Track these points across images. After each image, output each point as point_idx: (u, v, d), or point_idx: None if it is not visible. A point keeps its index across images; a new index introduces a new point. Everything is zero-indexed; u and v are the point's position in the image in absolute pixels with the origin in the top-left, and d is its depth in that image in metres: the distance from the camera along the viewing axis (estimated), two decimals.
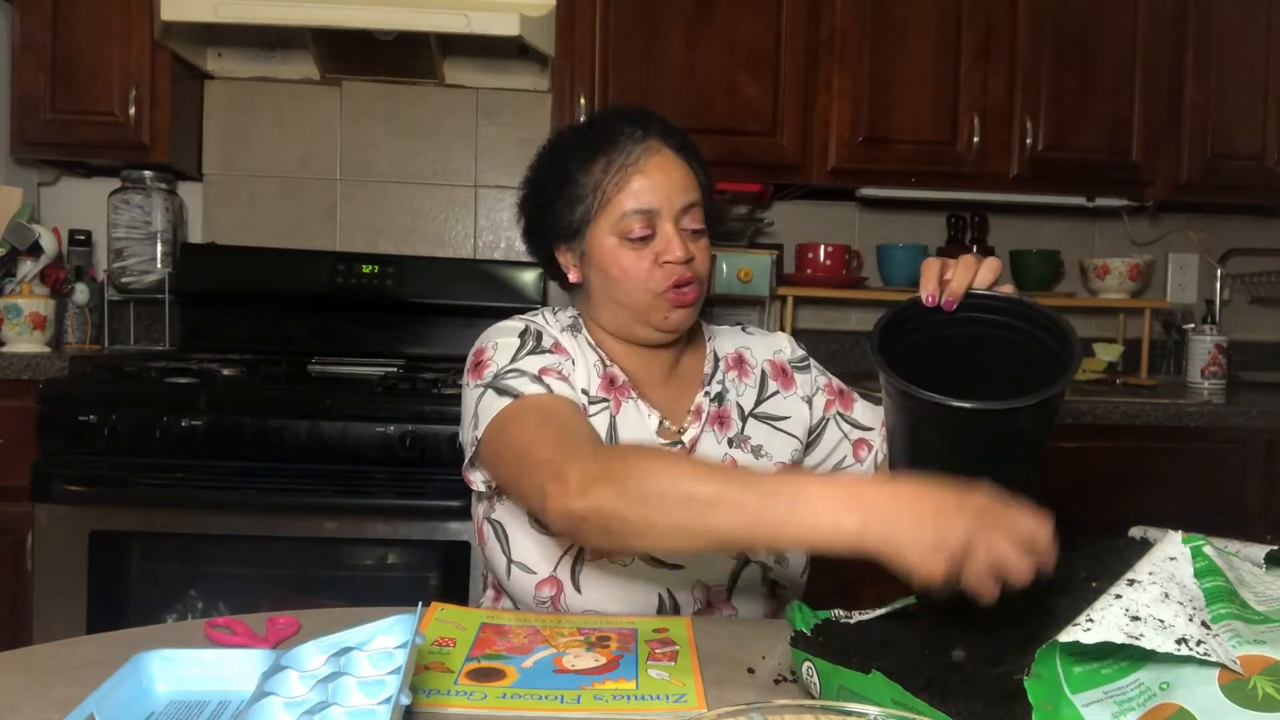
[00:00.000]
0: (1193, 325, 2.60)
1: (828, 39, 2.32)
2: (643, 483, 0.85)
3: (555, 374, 1.08)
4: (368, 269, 2.41)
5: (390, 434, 1.86)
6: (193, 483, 1.84)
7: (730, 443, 1.19)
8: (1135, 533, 0.76)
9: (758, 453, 1.20)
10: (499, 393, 1.05)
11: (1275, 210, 2.71)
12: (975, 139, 2.35)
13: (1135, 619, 0.56)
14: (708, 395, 1.19)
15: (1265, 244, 2.75)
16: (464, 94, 2.62)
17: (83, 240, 2.43)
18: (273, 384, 2.00)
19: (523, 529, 1.11)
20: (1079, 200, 2.51)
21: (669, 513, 0.83)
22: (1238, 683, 0.53)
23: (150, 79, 2.24)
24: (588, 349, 1.17)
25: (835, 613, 0.84)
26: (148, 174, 2.39)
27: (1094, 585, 0.69)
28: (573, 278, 1.19)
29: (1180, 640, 0.55)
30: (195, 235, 2.59)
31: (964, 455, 0.83)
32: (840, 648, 0.75)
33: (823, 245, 2.48)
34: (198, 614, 1.88)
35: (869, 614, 0.83)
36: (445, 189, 2.64)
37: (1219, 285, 2.67)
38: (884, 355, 0.82)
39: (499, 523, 1.13)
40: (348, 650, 0.68)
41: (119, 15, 2.22)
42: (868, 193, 2.48)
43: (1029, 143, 2.37)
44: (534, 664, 0.82)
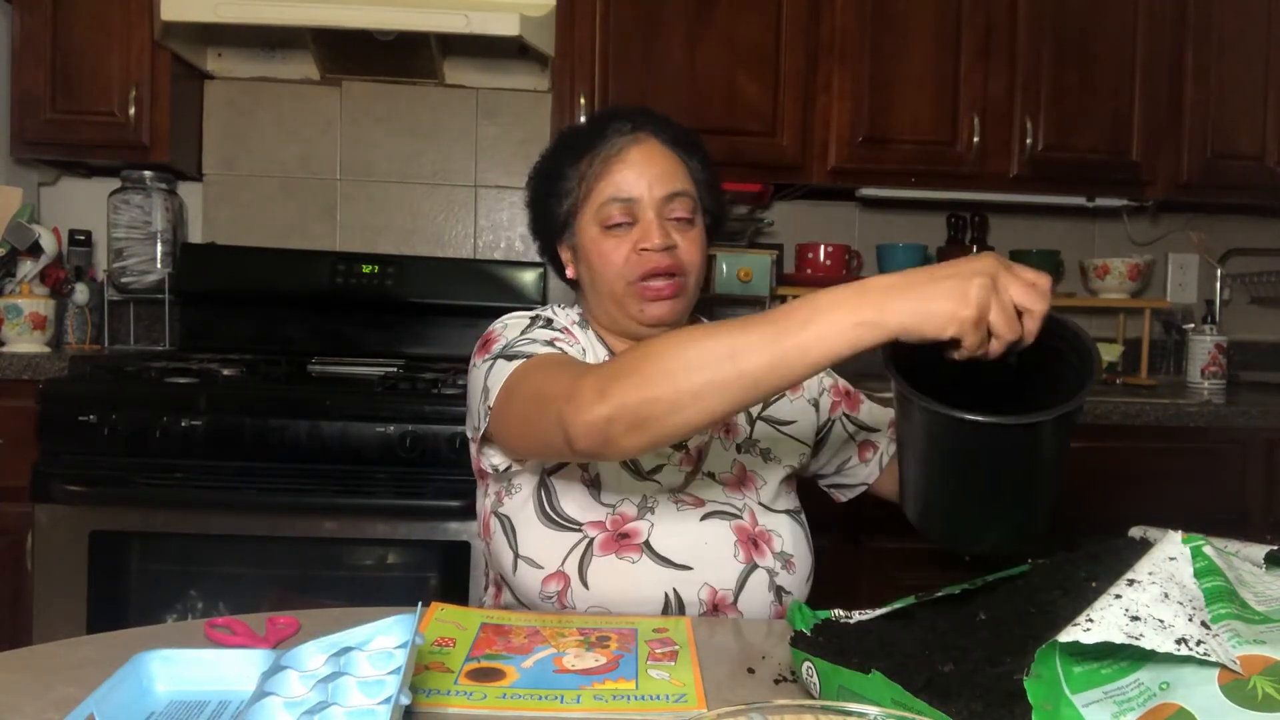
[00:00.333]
0: (1193, 325, 2.60)
1: (828, 39, 2.33)
2: (658, 364, 0.83)
3: (566, 347, 1.08)
4: (368, 269, 2.41)
5: (390, 434, 1.86)
6: (193, 483, 1.84)
7: (739, 448, 1.19)
8: (1135, 533, 0.76)
9: (766, 456, 1.20)
10: (509, 359, 1.04)
11: (1275, 210, 2.71)
12: (975, 139, 2.35)
13: (1135, 619, 0.56)
14: None
15: (1265, 244, 2.75)
16: (464, 94, 2.62)
17: (83, 240, 2.43)
18: (273, 384, 2.00)
19: (531, 523, 1.10)
20: (1079, 200, 2.51)
21: (696, 376, 0.81)
22: (1238, 683, 0.53)
23: (150, 79, 2.24)
24: (596, 343, 1.18)
25: (835, 613, 0.84)
26: (148, 174, 2.39)
27: (1094, 585, 0.69)
28: (569, 273, 1.20)
29: (1180, 640, 0.55)
30: (195, 235, 2.59)
31: (977, 467, 0.82)
32: (840, 648, 0.75)
33: (823, 245, 2.48)
34: (198, 614, 1.88)
35: (869, 614, 0.83)
36: (445, 189, 2.64)
37: (1219, 285, 2.67)
38: (895, 364, 0.80)
39: (507, 517, 1.12)
40: (348, 650, 0.68)
41: (119, 15, 2.22)
42: (868, 193, 2.48)
43: (1029, 143, 2.37)
44: (534, 664, 0.82)
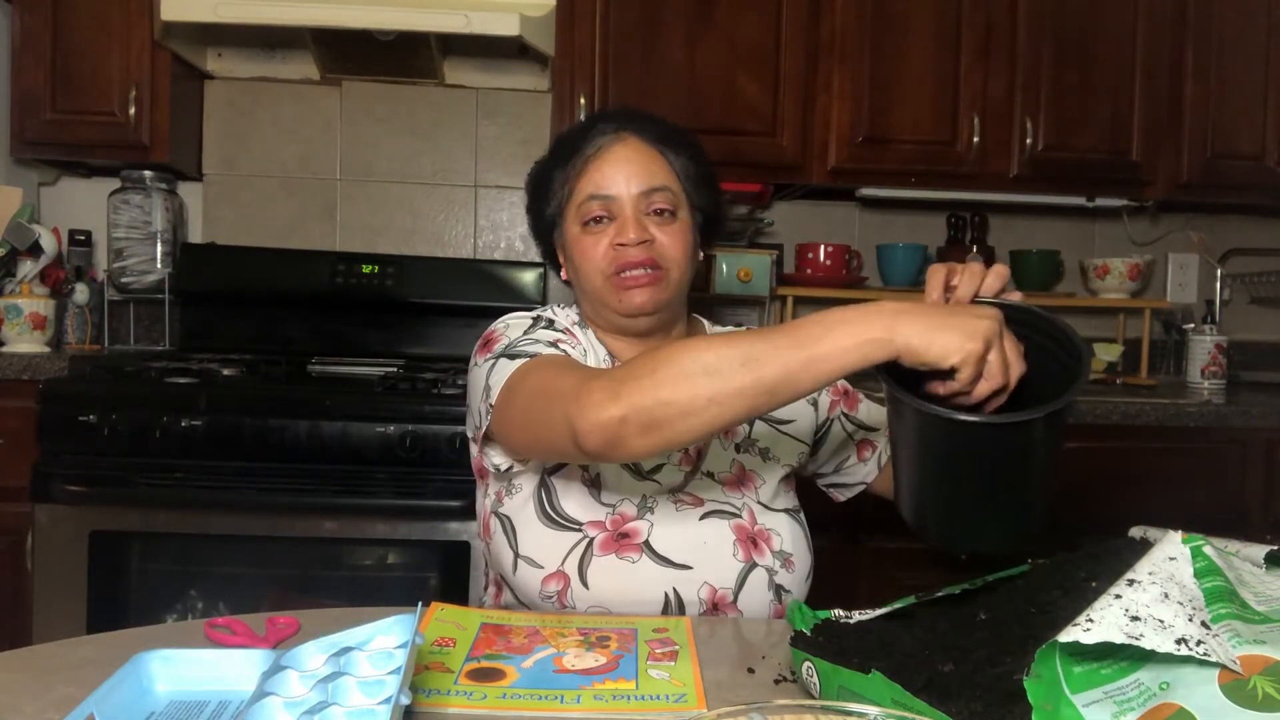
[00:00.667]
0: (1193, 325, 2.60)
1: (828, 39, 2.32)
2: (673, 367, 0.83)
3: (569, 349, 1.08)
4: (368, 269, 2.41)
5: (390, 434, 1.86)
6: (193, 483, 1.84)
7: (738, 448, 1.19)
8: (1135, 533, 0.76)
9: (765, 455, 1.20)
10: (512, 358, 1.04)
11: (1275, 210, 2.71)
12: (975, 139, 2.35)
13: (1135, 619, 0.56)
14: None
15: (1265, 244, 2.75)
16: (464, 94, 2.62)
17: (83, 240, 2.43)
18: (273, 384, 2.00)
19: (532, 522, 1.10)
20: (1079, 200, 2.51)
21: (710, 382, 0.82)
22: (1238, 683, 0.53)
23: (150, 79, 2.24)
24: (596, 343, 1.18)
25: (835, 613, 0.84)
26: (148, 174, 2.39)
27: (1094, 585, 0.69)
28: (563, 275, 1.21)
29: (1180, 640, 0.55)
30: (195, 235, 2.59)
31: (970, 468, 0.82)
32: (840, 648, 0.75)
33: (823, 245, 2.48)
34: (198, 614, 1.88)
35: (869, 614, 0.83)
36: (445, 189, 2.64)
37: (1219, 285, 2.67)
38: (886, 366, 0.81)
39: (507, 517, 1.12)
40: (348, 650, 0.68)
41: (119, 15, 2.22)
42: (868, 193, 2.48)
43: (1029, 143, 2.37)
44: (534, 664, 0.82)
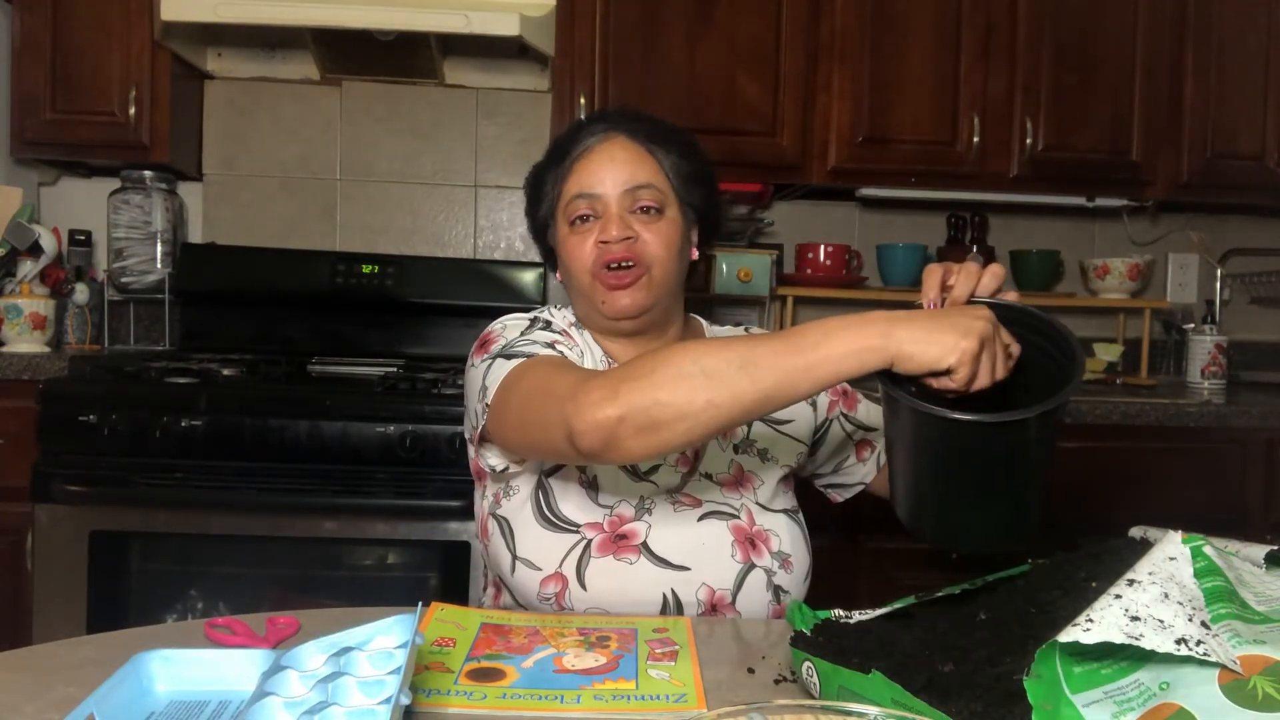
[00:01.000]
0: (1193, 325, 2.60)
1: (828, 39, 2.32)
2: (671, 370, 0.84)
3: (566, 350, 1.09)
4: (368, 269, 2.41)
5: (390, 434, 1.86)
6: (193, 483, 1.84)
7: (736, 449, 1.19)
8: (1135, 533, 0.76)
9: (763, 456, 1.20)
10: (508, 358, 1.04)
11: (1275, 210, 2.71)
12: (975, 139, 2.35)
13: (1135, 619, 0.56)
14: None
15: (1265, 244, 2.75)
16: (464, 94, 2.62)
17: (83, 240, 2.43)
18: (273, 384, 2.00)
19: (529, 524, 1.10)
20: (1079, 200, 2.51)
21: (708, 384, 0.82)
22: (1238, 683, 0.53)
23: (150, 79, 2.24)
24: (593, 344, 1.18)
25: (835, 613, 0.84)
26: (148, 174, 2.39)
27: (1094, 585, 0.69)
28: (558, 276, 1.21)
29: (1180, 640, 0.55)
30: (195, 235, 2.59)
31: (965, 468, 0.82)
32: (840, 648, 0.75)
33: (823, 245, 2.48)
34: (198, 614, 1.88)
35: (869, 614, 0.83)
36: (445, 189, 2.64)
37: (1219, 285, 2.67)
38: (882, 372, 0.81)
39: (505, 518, 1.12)
40: (348, 650, 0.68)
41: (119, 15, 2.22)
42: (868, 193, 2.48)
43: (1029, 143, 2.37)
44: (534, 664, 0.82)
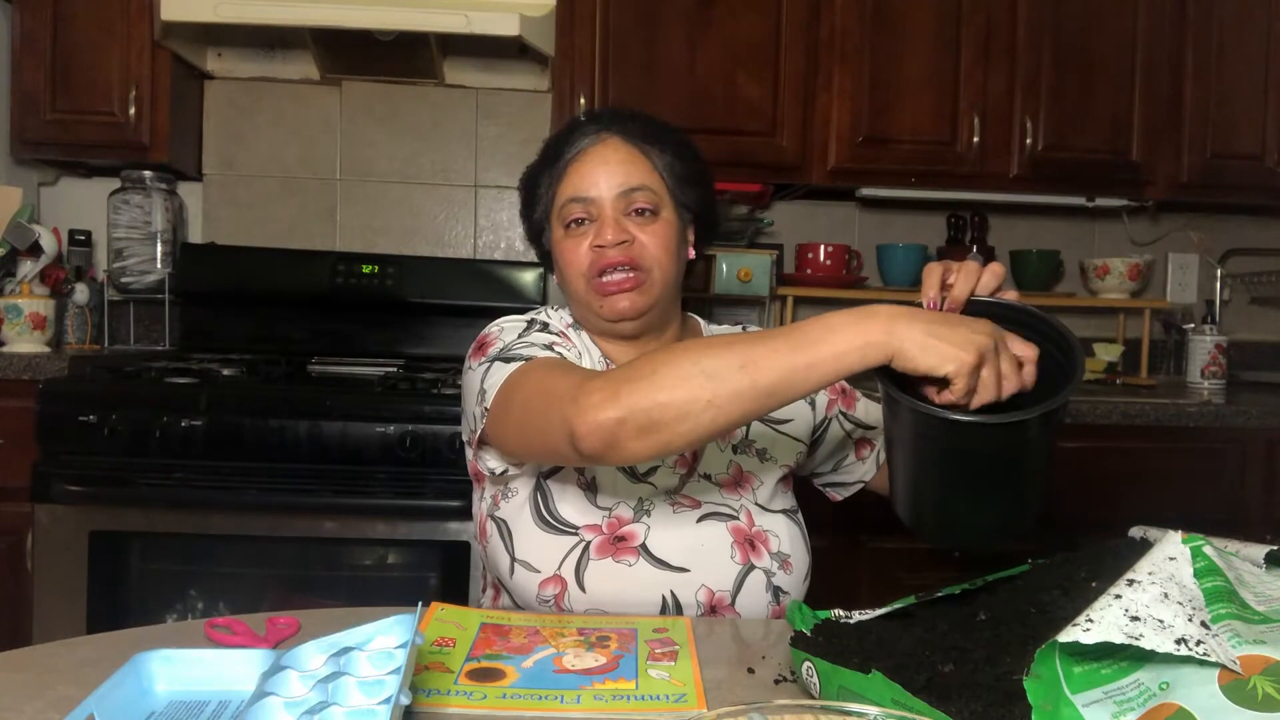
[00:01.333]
0: (1193, 325, 2.60)
1: (828, 39, 2.33)
2: (672, 370, 0.84)
3: (564, 351, 1.08)
4: (368, 269, 2.41)
5: (390, 434, 1.86)
6: (193, 483, 1.84)
7: (735, 449, 1.19)
8: (1135, 533, 0.76)
9: (762, 456, 1.20)
10: (506, 361, 1.04)
11: (1275, 210, 2.71)
12: (975, 139, 2.35)
13: (1135, 619, 0.56)
14: None
15: (1265, 244, 2.76)
16: (464, 94, 2.62)
17: (83, 240, 2.43)
18: (273, 384, 2.00)
19: (528, 526, 1.10)
20: (1079, 200, 2.51)
21: (709, 384, 0.82)
22: (1238, 683, 0.53)
23: (150, 79, 2.24)
24: (590, 345, 1.18)
25: (835, 613, 0.84)
26: (148, 174, 2.39)
27: (1094, 585, 0.69)
28: (555, 278, 1.20)
29: (1180, 640, 0.55)
30: (195, 235, 2.59)
31: (965, 467, 0.82)
32: (840, 648, 0.75)
33: (823, 245, 2.48)
34: (198, 614, 1.88)
35: (869, 614, 0.83)
36: (445, 189, 2.64)
37: (1219, 285, 2.68)
38: (883, 366, 0.81)
39: (503, 520, 1.12)
40: (348, 650, 0.68)
41: (119, 15, 2.22)
42: (868, 193, 2.48)
43: (1029, 143, 2.37)
44: (534, 664, 0.82)
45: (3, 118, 2.27)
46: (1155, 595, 0.58)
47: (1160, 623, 0.56)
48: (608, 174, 1.12)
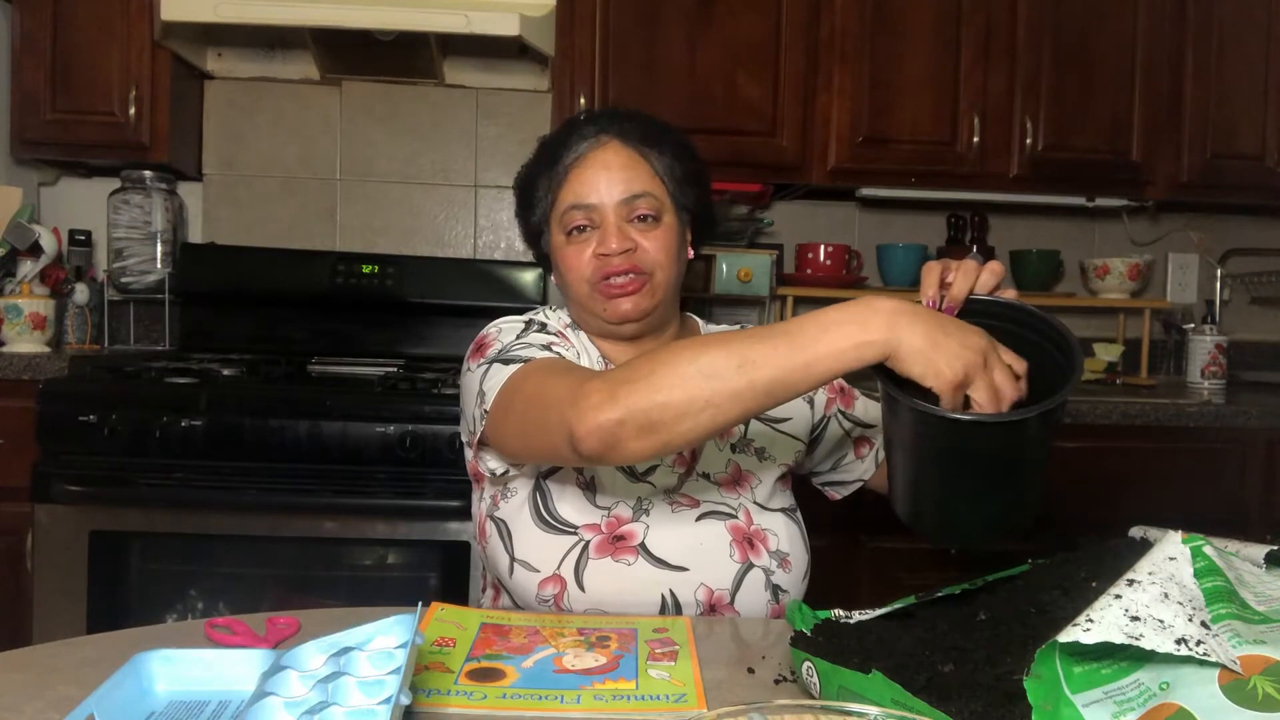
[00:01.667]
0: (1193, 325, 2.60)
1: (828, 39, 2.33)
2: (670, 370, 0.84)
3: (563, 351, 1.09)
4: (368, 269, 2.41)
5: (390, 434, 1.86)
6: (193, 483, 1.84)
7: (733, 448, 1.19)
8: (1135, 533, 0.76)
9: (761, 455, 1.20)
10: (505, 363, 1.04)
11: (1275, 210, 2.71)
12: (975, 139, 2.35)
13: (1135, 619, 0.56)
14: None
15: (1265, 244, 2.76)
16: (464, 94, 2.62)
17: (83, 240, 2.43)
18: (273, 384, 2.00)
19: (527, 526, 1.10)
20: (1079, 200, 2.51)
21: (707, 384, 0.82)
22: (1238, 683, 0.53)
23: (150, 79, 2.24)
24: (589, 345, 1.18)
25: (835, 613, 0.84)
26: (148, 174, 2.39)
27: (1094, 585, 0.69)
28: (554, 280, 1.21)
29: (1180, 640, 0.55)
30: (195, 235, 2.59)
31: (964, 466, 0.82)
32: (840, 648, 0.75)
33: (823, 245, 2.48)
34: (198, 614, 1.88)
35: (869, 614, 0.83)
36: (445, 189, 2.64)
37: (1219, 285, 2.68)
38: (881, 364, 0.81)
39: (503, 520, 1.13)
40: (348, 650, 0.68)
41: (119, 15, 2.22)
42: (868, 193, 2.48)
43: (1029, 143, 2.37)
44: (534, 664, 0.82)
45: (3, 118, 2.27)
46: (1155, 595, 0.58)
47: (1160, 623, 0.56)
48: (609, 180, 1.12)
